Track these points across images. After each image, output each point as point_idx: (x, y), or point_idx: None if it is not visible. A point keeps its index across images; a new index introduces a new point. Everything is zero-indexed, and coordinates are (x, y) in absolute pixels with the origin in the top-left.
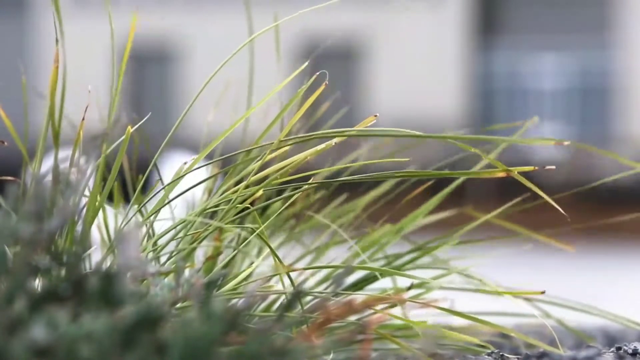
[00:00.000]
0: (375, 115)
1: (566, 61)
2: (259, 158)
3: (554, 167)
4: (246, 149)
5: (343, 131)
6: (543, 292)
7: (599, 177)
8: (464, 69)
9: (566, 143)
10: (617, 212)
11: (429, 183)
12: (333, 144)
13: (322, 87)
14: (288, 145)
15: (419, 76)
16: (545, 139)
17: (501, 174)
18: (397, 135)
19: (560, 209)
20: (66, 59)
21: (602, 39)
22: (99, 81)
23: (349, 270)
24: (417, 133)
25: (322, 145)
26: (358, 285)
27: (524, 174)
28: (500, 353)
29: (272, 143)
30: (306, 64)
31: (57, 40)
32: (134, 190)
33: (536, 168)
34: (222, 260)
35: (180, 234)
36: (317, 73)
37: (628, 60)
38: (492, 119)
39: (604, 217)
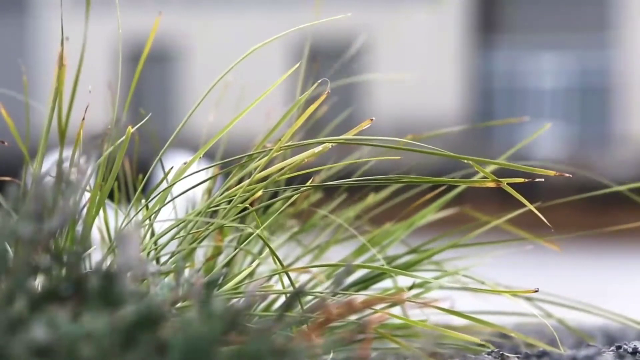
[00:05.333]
0: (371, 119)
1: (566, 60)
2: (259, 158)
3: (542, 179)
4: (247, 153)
5: (341, 139)
6: (536, 291)
7: (599, 175)
8: (464, 68)
9: (567, 175)
10: (617, 211)
11: (428, 186)
12: (330, 146)
13: (324, 97)
14: (286, 149)
15: (419, 75)
16: (546, 169)
17: (492, 184)
18: (392, 147)
19: (543, 218)
20: (69, 59)
21: (602, 39)
22: (99, 81)
23: (349, 269)
24: (413, 148)
25: (320, 148)
26: (358, 285)
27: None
28: (500, 352)
29: (272, 149)
30: (297, 66)
31: (63, 39)
32: (135, 191)
33: (526, 180)
34: (222, 260)
35: (181, 234)
36: (319, 81)
37: (628, 59)
38: (491, 118)
39: (604, 216)
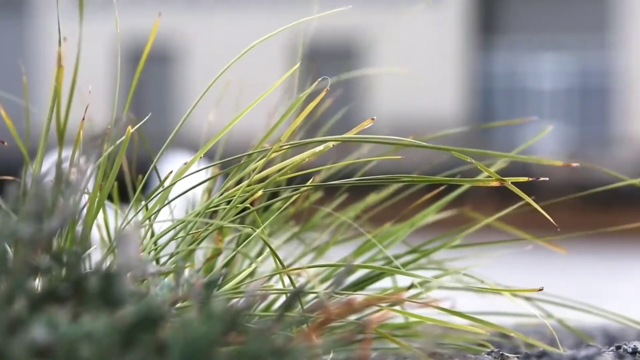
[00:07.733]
0: (373, 119)
1: (566, 61)
2: (259, 158)
3: (547, 178)
4: (246, 153)
5: (341, 138)
6: (541, 289)
7: (599, 176)
8: (463, 68)
9: (575, 165)
10: (618, 212)
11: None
12: (331, 146)
13: (323, 94)
14: (286, 149)
15: (419, 76)
16: (552, 160)
17: (495, 183)
18: (394, 143)
19: (548, 216)
20: (68, 59)
21: (602, 39)
22: (99, 81)
23: (350, 269)
24: (416, 142)
25: (320, 147)
26: (358, 285)
27: (524, 168)
28: (500, 352)
29: (271, 148)
30: (296, 66)
31: (61, 39)
32: (135, 191)
33: (530, 179)
34: (222, 260)
35: (181, 234)
36: (319, 80)
37: (628, 60)
38: (491, 118)
39: (604, 216)
